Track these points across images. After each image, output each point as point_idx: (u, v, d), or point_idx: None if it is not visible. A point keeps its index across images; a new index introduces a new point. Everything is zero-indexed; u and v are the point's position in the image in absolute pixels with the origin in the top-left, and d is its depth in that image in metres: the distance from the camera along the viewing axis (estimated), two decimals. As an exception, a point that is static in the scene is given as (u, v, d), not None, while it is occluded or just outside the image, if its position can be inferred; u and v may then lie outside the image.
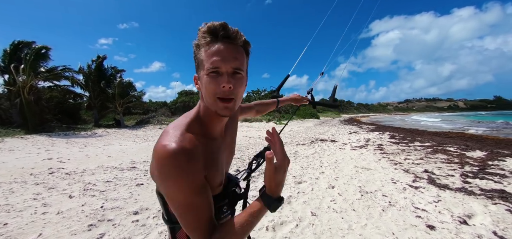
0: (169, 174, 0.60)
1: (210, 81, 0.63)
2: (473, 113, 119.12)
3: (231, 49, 0.63)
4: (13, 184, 4.23)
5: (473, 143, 8.68)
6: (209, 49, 0.63)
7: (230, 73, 0.63)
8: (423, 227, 2.61)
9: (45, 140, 10.73)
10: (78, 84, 17.95)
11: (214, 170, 0.71)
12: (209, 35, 0.63)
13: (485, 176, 4.36)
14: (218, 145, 0.75)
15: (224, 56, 0.62)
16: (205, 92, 0.66)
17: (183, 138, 0.64)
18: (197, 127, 0.70)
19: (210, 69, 0.62)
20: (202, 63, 0.64)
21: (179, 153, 0.60)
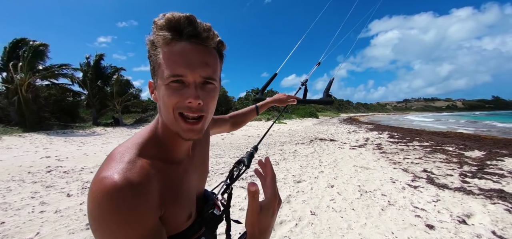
0: (107, 220, 0.42)
1: (170, 94, 0.48)
2: (466, 113, 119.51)
3: (200, 51, 0.48)
4: (10, 182, 4.20)
5: (472, 143, 8.71)
6: (169, 51, 0.47)
7: (199, 84, 0.49)
8: (422, 227, 2.61)
9: (43, 138, 10.68)
10: (76, 82, 17.87)
11: (179, 205, 0.54)
12: (169, 32, 0.47)
13: (484, 176, 4.38)
14: (183, 169, 0.59)
15: (191, 61, 0.47)
16: (163, 107, 0.51)
17: (131, 167, 0.47)
18: (154, 150, 0.54)
19: (170, 78, 0.47)
20: (159, 67, 0.49)
21: (122, 189, 0.43)
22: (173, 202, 0.53)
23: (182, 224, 0.57)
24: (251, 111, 1.24)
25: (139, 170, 0.47)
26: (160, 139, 0.56)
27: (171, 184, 0.53)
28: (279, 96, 1.30)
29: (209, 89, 0.51)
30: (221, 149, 7.80)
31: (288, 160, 5.96)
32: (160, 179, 0.50)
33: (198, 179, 0.68)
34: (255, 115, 1.25)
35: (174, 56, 0.47)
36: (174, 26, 0.47)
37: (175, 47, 0.47)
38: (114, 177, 0.44)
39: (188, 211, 0.58)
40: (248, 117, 1.23)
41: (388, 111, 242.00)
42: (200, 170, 0.70)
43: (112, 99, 19.18)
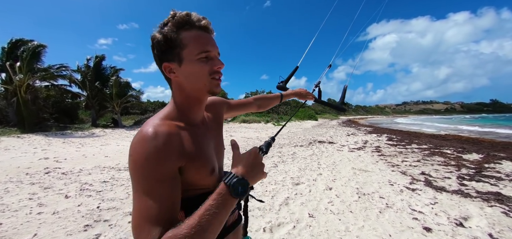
0: (140, 159, 0.57)
1: (203, 65, 0.66)
2: (455, 116, 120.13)
3: (211, 37, 0.70)
4: (8, 183, 4.19)
5: (470, 145, 8.74)
6: (193, 35, 0.66)
7: (218, 56, 0.70)
8: (420, 229, 2.62)
9: (42, 139, 10.65)
10: (75, 83, 17.85)
11: (200, 157, 0.67)
12: (192, 23, 0.66)
13: (482, 179, 4.39)
14: (202, 132, 0.74)
15: (212, 42, 0.68)
16: (195, 76, 0.67)
17: (161, 123, 0.64)
18: (177, 116, 0.70)
19: (201, 54, 0.65)
20: (185, 47, 0.65)
21: (152, 137, 0.59)
22: (194, 154, 0.66)
23: (207, 177, 0.69)
24: (276, 97, 1.34)
25: (167, 126, 0.64)
26: (179, 109, 0.71)
27: (191, 140, 0.67)
28: (301, 90, 1.40)
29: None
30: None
31: (286, 162, 5.97)
32: (182, 135, 0.65)
33: (216, 149, 0.80)
34: (278, 102, 1.35)
35: (199, 38, 0.66)
36: (196, 19, 0.66)
37: (198, 33, 0.66)
38: (148, 130, 0.60)
39: (210, 165, 0.71)
40: (273, 102, 1.33)
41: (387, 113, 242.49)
42: (216, 141, 0.82)
43: (111, 100, 19.17)
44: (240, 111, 1.17)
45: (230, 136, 13.75)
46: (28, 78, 13.76)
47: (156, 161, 0.57)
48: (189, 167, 0.64)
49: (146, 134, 0.59)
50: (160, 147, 0.58)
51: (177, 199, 0.61)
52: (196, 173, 0.66)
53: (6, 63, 13.83)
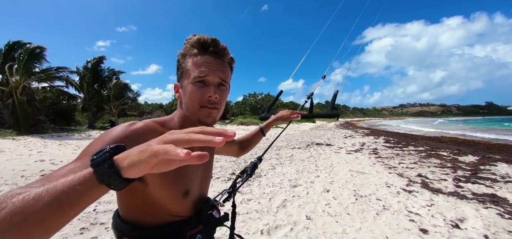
0: (104, 133, 0.56)
1: (195, 90, 0.63)
2: (440, 118, 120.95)
3: (218, 62, 0.66)
4: (3, 186, 4.14)
5: (466, 148, 8.82)
6: (197, 60, 0.64)
7: (216, 84, 0.65)
8: (416, 231, 2.64)
9: (38, 141, 10.55)
10: (72, 85, 17.74)
11: (172, 172, 0.48)
12: (198, 47, 0.64)
13: (477, 181, 4.43)
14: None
15: (212, 67, 0.64)
16: (188, 101, 0.65)
17: (147, 121, 0.63)
18: (170, 126, 0.68)
19: (197, 78, 0.63)
20: (187, 72, 0.65)
21: (127, 125, 0.57)
22: None
23: (177, 198, 0.64)
24: (257, 134, 1.27)
25: (150, 124, 0.62)
26: (177, 123, 0.69)
27: None
28: (282, 113, 1.31)
29: (222, 89, 0.67)
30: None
31: (284, 165, 5.97)
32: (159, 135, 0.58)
33: (202, 175, 0.75)
34: (262, 137, 1.28)
35: (200, 63, 0.64)
36: (202, 44, 0.64)
37: (202, 58, 0.64)
38: (129, 123, 0.59)
39: (184, 186, 0.66)
40: (255, 140, 1.26)
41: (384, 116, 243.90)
42: (204, 167, 0.77)
43: (109, 102, 19.07)
44: (223, 148, 1.06)
45: (228, 138, 13.69)
46: (24, 79, 13.65)
47: (116, 139, 0.54)
48: (156, 179, 0.58)
49: (127, 124, 0.58)
50: (127, 134, 0.56)
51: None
52: (164, 189, 0.60)
53: (4, 65, 13.72)
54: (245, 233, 2.57)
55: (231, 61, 0.70)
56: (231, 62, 0.70)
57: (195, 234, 0.66)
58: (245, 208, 3.21)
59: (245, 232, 2.59)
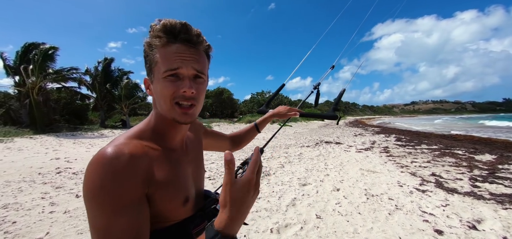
0: (94, 186, 0.48)
1: (167, 86, 0.55)
2: (445, 116, 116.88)
3: (192, 51, 0.56)
4: (22, 183, 4.31)
5: (482, 146, 8.50)
6: (165, 50, 0.55)
7: (191, 77, 0.57)
8: (431, 232, 2.56)
9: (53, 140, 10.93)
10: (85, 85, 18.27)
11: (171, 185, 0.58)
12: (166, 35, 0.55)
13: (495, 180, 4.26)
14: (176, 156, 0.64)
15: (185, 58, 0.55)
16: (160, 98, 0.57)
17: (127, 142, 0.54)
18: (150, 136, 0.60)
19: (167, 72, 0.54)
20: (156, 65, 0.56)
21: (110, 158, 0.49)
22: (165, 181, 0.57)
23: (179, 207, 0.61)
24: (251, 130, 1.20)
25: (131, 147, 0.53)
26: (155, 129, 0.62)
27: (162, 164, 0.58)
28: (279, 109, 1.23)
29: (199, 82, 0.58)
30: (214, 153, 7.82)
31: (293, 163, 5.94)
32: (151, 158, 0.56)
33: (194, 173, 0.71)
34: (257, 134, 1.21)
35: (170, 54, 0.55)
36: (170, 30, 0.55)
37: (171, 47, 0.55)
38: (107, 150, 0.51)
39: (183, 194, 0.62)
40: (249, 136, 1.19)
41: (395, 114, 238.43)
42: (195, 164, 0.73)
43: (120, 102, 19.52)
44: (212, 143, 1.01)
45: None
46: (40, 80, 14.16)
47: (113, 188, 0.47)
48: (158, 196, 0.55)
49: (104, 154, 0.50)
50: (119, 170, 0.49)
51: (143, 232, 0.51)
52: (167, 203, 0.57)
53: (20, 66, 14.27)
54: (255, 232, 2.57)
55: (207, 48, 0.61)
56: (207, 50, 0.61)
57: (201, 230, 0.64)
58: (254, 206, 3.20)
59: (255, 231, 2.59)
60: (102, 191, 0.47)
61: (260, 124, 1.21)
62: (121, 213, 0.48)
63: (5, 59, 14.79)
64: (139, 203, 0.51)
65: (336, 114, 1.25)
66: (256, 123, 1.21)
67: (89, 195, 0.48)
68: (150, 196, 0.54)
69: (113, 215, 0.47)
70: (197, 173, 0.73)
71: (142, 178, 0.52)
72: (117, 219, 0.47)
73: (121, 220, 0.48)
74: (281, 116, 1.22)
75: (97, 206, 0.48)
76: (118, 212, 0.47)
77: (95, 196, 0.48)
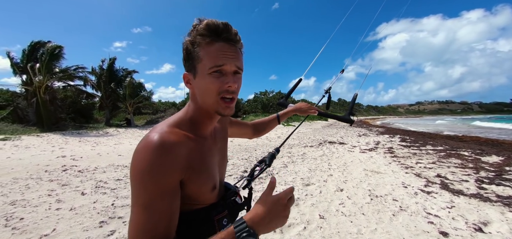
0: (143, 168, 0.54)
1: (213, 81, 0.60)
2: (449, 117, 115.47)
3: (233, 49, 0.62)
4: (29, 180, 4.39)
5: (489, 147, 8.37)
6: (210, 48, 0.60)
7: (233, 72, 0.63)
8: (436, 234, 2.53)
9: (59, 138, 11.09)
10: (90, 84, 18.47)
11: (204, 171, 0.65)
12: (210, 33, 0.60)
13: (502, 182, 4.19)
14: (208, 146, 0.71)
15: (228, 55, 0.61)
16: (204, 92, 0.63)
17: (169, 131, 0.61)
18: (187, 125, 0.67)
19: (213, 68, 0.60)
20: (201, 61, 0.61)
21: (158, 145, 0.56)
22: (199, 168, 0.64)
23: (207, 193, 0.67)
24: (273, 120, 1.27)
25: (174, 135, 0.60)
26: (191, 119, 0.68)
27: (198, 152, 0.65)
28: (301, 105, 1.31)
29: (238, 77, 0.65)
30: (230, 151, 7.84)
31: (296, 163, 5.93)
32: (189, 146, 0.62)
33: (219, 163, 0.77)
34: (277, 124, 1.28)
35: (214, 52, 0.60)
36: (214, 30, 0.60)
37: (215, 45, 0.60)
38: (154, 137, 0.57)
39: (212, 182, 0.68)
40: (270, 125, 1.26)
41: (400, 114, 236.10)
42: (221, 154, 0.79)
43: (125, 101, 19.70)
44: (236, 131, 1.09)
45: (239, 136, 13.74)
46: (47, 79, 14.37)
47: (159, 173, 0.55)
48: (192, 181, 0.62)
49: (151, 141, 0.56)
50: (165, 157, 0.55)
51: (175, 215, 0.59)
52: (198, 188, 0.64)
53: (27, 65, 14.50)
54: (258, 231, 2.57)
55: (241, 46, 0.67)
56: (241, 47, 0.67)
57: (222, 218, 0.70)
58: (257, 206, 3.21)
59: (258, 230, 2.59)
60: (150, 174, 0.54)
61: (282, 116, 1.29)
62: (163, 196, 0.55)
63: (12, 58, 15.02)
64: (176, 190, 0.58)
65: (351, 119, 1.33)
66: (278, 115, 1.28)
67: (138, 176, 0.55)
68: (185, 180, 0.61)
69: (156, 196, 0.54)
70: (222, 162, 0.80)
71: (182, 165, 0.59)
72: (159, 200, 0.55)
73: (162, 201, 0.55)
74: (302, 112, 1.31)
75: (144, 187, 0.54)
76: (160, 194, 0.55)
77: (144, 178, 0.54)
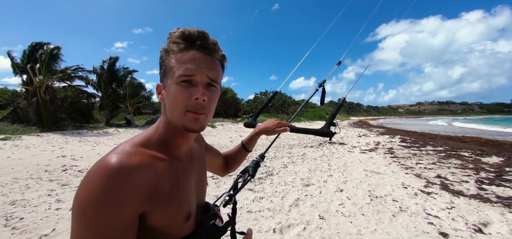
0: (90, 197, 0.44)
1: (180, 91, 0.54)
2: (449, 117, 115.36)
3: (207, 59, 0.56)
4: (29, 180, 4.39)
5: (489, 148, 8.36)
6: (182, 56, 0.55)
7: (205, 84, 0.56)
8: (436, 234, 2.53)
9: (59, 138, 11.09)
10: (91, 84, 18.48)
11: (174, 199, 0.55)
12: (183, 41, 0.55)
13: (502, 183, 4.19)
14: (182, 167, 0.62)
15: (200, 65, 0.55)
16: (171, 104, 0.56)
17: (132, 152, 0.51)
18: (157, 144, 0.58)
19: (181, 77, 0.54)
20: (171, 70, 0.55)
21: (114, 170, 0.46)
22: (167, 194, 0.54)
23: (179, 224, 0.57)
24: (239, 151, 1.08)
25: (137, 157, 0.51)
26: (162, 136, 0.60)
27: (168, 175, 0.56)
28: (268, 124, 1.08)
29: (212, 91, 0.57)
30: (230, 151, 7.84)
31: (296, 163, 5.92)
32: (156, 169, 0.53)
33: (197, 185, 0.68)
34: (247, 154, 1.09)
35: (185, 60, 0.54)
36: (187, 37, 0.55)
37: (187, 53, 0.55)
38: (111, 159, 0.47)
39: (186, 210, 0.59)
40: (239, 158, 1.08)
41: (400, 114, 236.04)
42: (199, 176, 0.70)
43: (125, 101, 19.70)
44: (209, 158, 0.94)
45: (239, 136, 13.83)
46: (47, 79, 14.38)
47: (109, 206, 0.44)
48: (158, 212, 0.52)
49: (106, 165, 0.46)
50: (119, 186, 0.45)
51: None
52: (166, 219, 0.54)
53: (27, 65, 14.52)
54: (258, 231, 2.57)
55: (222, 58, 0.61)
56: (222, 59, 0.61)
57: None
58: (257, 206, 3.21)
59: (257, 230, 2.59)
60: (96, 208, 0.43)
61: (247, 143, 1.07)
62: (111, 237, 0.45)
63: (13, 57, 15.05)
64: (131, 227, 0.48)
65: (331, 131, 1.13)
66: (243, 143, 1.08)
67: (82, 206, 0.44)
68: (149, 212, 0.51)
69: (102, 237, 0.44)
70: (200, 185, 0.71)
71: (144, 194, 0.49)
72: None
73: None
74: (269, 133, 1.08)
75: (86, 223, 0.44)
76: (108, 235, 0.44)
77: (87, 212, 0.43)
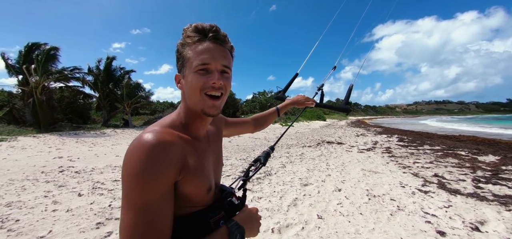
0: (138, 168, 0.52)
1: (198, 78, 0.62)
2: (444, 116, 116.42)
3: (220, 48, 0.64)
4: (25, 181, 4.35)
5: (486, 147, 8.43)
6: (197, 47, 0.62)
7: (220, 71, 0.64)
8: (433, 233, 2.55)
9: (56, 139, 11.00)
10: (88, 84, 18.37)
11: (199, 173, 0.65)
12: (197, 34, 0.63)
13: (499, 182, 4.23)
14: (202, 147, 0.71)
15: (214, 54, 0.62)
16: (191, 90, 0.64)
17: (163, 131, 0.61)
18: (180, 127, 0.67)
19: (199, 66, 0.62)
20: (188, 60, 0.63)
21: (152, 144, 0.54)
22: (194, 169, 0.63)
23: (203, 194, 0.66)
24: (272, 113, 1.30)
25: (168, 135, 0.60)
26: (183, 120, 0.69)
27: (192, 153, 0.64)
28: (298, 97, 1.33)
29: (226, 76, 0.66)
30: (228, 151, 7.83)
31: (295, 163, 5.93)
32: (183, 146, 0.62)
33: (214, 165, 0.77)
34: (277, 117, 1.31)
35: (200, 50, 0.62)
36: (201, 30, 0.63)
37: (202, 45, 0.63)
38: (148, 136, 0.56)
39: (207, 183, 0.68)
40: (270, 118, 1.29)
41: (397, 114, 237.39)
42: (216, 156, 0.80)
43: (122, 101, 19.60)
44: (236, 130, 1.11)
45: (239, 136, 13.79)
46: (43, 79, 14.26)
47: (155, 172, 0.53)
48: (187, 182, 0.61)
49: (146, 140, 0.55)
50: (160, 156, 0.54)
51: (170, 217, 0.58)
52: (194, 189, 0.63)
53: (23, 66, 14.38)
54: (256, 231, 2.57)
55: (231, 48, 0.69)
56: (231, 49, 0.69)
57: (218, 220, 0.69)
58: (255, 206, 3.20)
59: (256, 230, 2.58)
60: (144, 173, 0.52)
61: (281, 108, 1.32)
62: (157, 197, 0.54)
63: (7, 59, 14.92)
64: (170, 191, 0.57)
65: (348, 107, 1.37)
66: (278, 108, 1.31)
67: (132, 176, 0.53)
68: (180, 181, 0.60)
69: (149, 197, 0.53)
70: (217, 164, 0.80)
71: (177, 165, 0.58)
72: (152, 202, 0.53)
73: (155, 204, 0.54)
74: (299, 105, 1.33)
75: (138, 186, 0.52)
76: (153, 196, 0.53)
77: (138, 177, 0.52)
